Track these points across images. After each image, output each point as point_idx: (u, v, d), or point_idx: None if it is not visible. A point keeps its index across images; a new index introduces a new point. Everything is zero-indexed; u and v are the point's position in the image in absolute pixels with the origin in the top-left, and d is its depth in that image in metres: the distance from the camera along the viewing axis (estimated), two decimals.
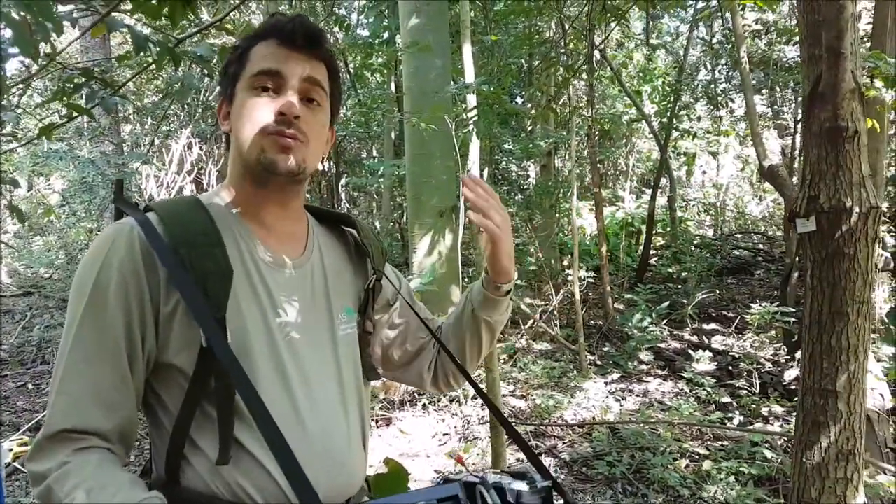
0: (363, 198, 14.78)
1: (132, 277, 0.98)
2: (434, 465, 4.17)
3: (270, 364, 1.03)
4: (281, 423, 0.95)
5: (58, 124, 1.31)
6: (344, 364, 1.15)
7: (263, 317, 1.05)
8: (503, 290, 1.25)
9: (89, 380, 0.96)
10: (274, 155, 1.06)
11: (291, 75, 1.08)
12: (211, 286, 0.98)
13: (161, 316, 0.99)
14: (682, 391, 5.50)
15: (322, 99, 1.14)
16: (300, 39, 1.09)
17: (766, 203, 13.45)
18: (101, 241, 1.01)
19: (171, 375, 1.01)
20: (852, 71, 1.89)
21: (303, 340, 1.09)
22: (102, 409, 0.96)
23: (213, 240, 1.02)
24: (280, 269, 1.11)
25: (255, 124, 1.06)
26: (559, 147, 9.51)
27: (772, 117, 11.65)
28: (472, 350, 1.31)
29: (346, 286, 1.23)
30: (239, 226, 1.10)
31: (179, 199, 1.10)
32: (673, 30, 11.57)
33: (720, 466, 3.89)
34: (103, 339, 0.97)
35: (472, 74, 3.51)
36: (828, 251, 2.01)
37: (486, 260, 1.23)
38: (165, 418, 1.02)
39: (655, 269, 10.15)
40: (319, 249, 1.21)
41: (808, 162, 2.06)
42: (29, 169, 9.38)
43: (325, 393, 1.09)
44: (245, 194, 1.12)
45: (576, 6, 7.94)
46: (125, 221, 1.03)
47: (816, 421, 2.07)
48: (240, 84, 1.10)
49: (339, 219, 1.31)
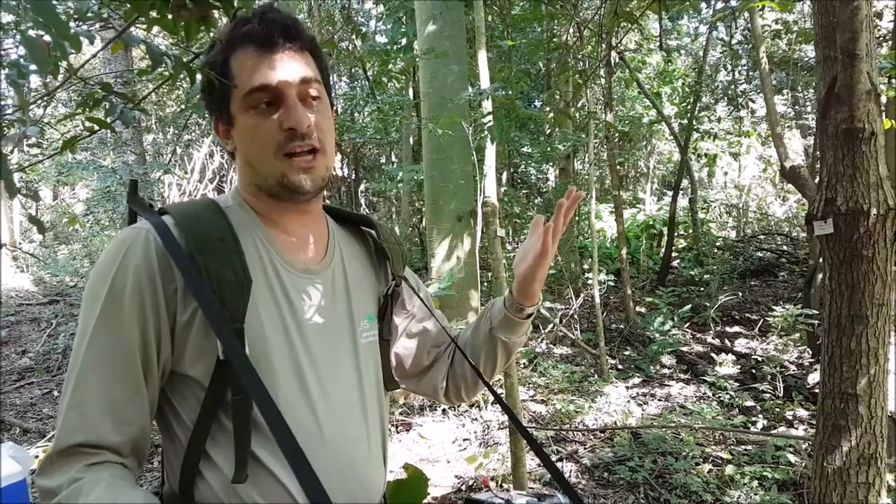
0: (382, 203, 14.85)
1: (148, 283, 0.94)
2: (454, 471, 4.17)
3: (290, 374, 1.00)
4: (300, 435, 0.93)
5: (80, 137, 1.34)
6: (365, 373, 1.11)
7: (283, 325, 1.01)
8: (526, 314, 1.21)
9: (102, 392, 0.91)
10: (297, 178, 1.02)
11: (286, 84, 1.02)
12: (229, 295, 0.94)
13: (177, 325, 0.95)
14: (705, 395, 5.46)
15: (321, 91, 1.08)
16: (279, 38, 1.02)
17: (790, 204, 13.31)
18: (116, 245, 0.97)
19: (187, 386, 0.97)
20: (868, 72, 1.88)
21: (324, 349, 1.05)
22: (115, 423, 0.92)
23: (231, 246, 0.98)
24: (301, 274, 1.07)
25: (266, 145, 1.02)
26: (578, 150, 9.49)
27: (794, 117, 11.52)
28: (485, 368, 1.27)
29: (367, 291, 1.19)
30: (258, 230, 1.06)
31: (196, 201, 1.06)
32: (692, 31, 11.50)
33: (743, 471, 3.86)
34: (117, 348, 0.93)
35: (487, 80, 3.52)
36: (846, 254, 1.99)
37: (517, 279, 1.19)
38: (180, 431, 0.98)
39: (677, 272, 10.08)
40: (341, 253, 1.17)
41: (824, 164, 2.05)
42: (54, 179, 9.56)
43: (346, 404, 1.06)
44: (262, 201, 1.08)
45: (591, 10, 7.94)
46: (140, 225, 0.99)
47: (837, 425, 2.05)
48: (234, 106, 1.04)
49: (359, 220, 1.27)
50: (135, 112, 1.22)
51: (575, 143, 8.65)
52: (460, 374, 1.29)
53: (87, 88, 1.26)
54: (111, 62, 6.46)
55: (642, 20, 7.33)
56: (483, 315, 1.27)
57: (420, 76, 6.94)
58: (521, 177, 12.72)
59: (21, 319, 7.98)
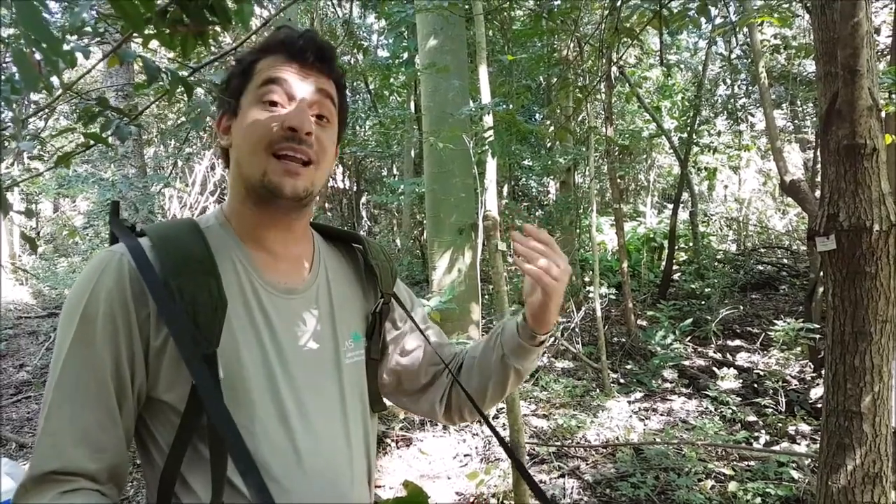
0: (384, 215, 14.87)
1: (120, 309, 0.93)
2: (455, 487, 4.14)
3: (267, 399, 0.97)
4: (277, 462, 0.94)
5: (75, 152, 1.33)
6: (349, 395, 1.08)
7: (261, 348, 0.99)
8: (539, 341, 1.16)
9: (75, 419, 0.90)
10: (279, 178, 1.00)
11: (302, 88, 1.03)
12: (203, 318, 0.92)
13: (151, 350, 0.94)
14: (707, 410, 5.43)
15: (332, 115, 1.08)
16: (311, 56, 1.04)
17: (790, 217, 13.30)
18: (90, 270, 0.96)
19: (162, 411, 0.96)
20: (869, 88, 1.88)
21: (304, 371, 1.03)
22: (89, 450, 0.90)
23: (208, 267, 0.96)
24: (282, 295, 1.05)
25: (260, 139, 1.00)
26: (579, 163, 9.50)
27: (793, 131, 11.55)
28: (494, 392, 1.22)
29: (353, 310, 1.17)
30: (238, 251, 1.04)
31: (176, 222, 1.04)
32: (691, 45, 11.55)
33: (746, 487, 3.83)
34: (90, 375, 0.91)
35: (488, 95, 3.53)
36: (849, 270, 1.98)
37: (529, 308, 1.12)
38: (157, 455, 0.96)
39: (678, 285, 10.06)
40: (326, 271, 1.15)
41: (826, 180, 2.04)
42: (54, 192, 9.57)
43: (328, 427, 1.03)
44: (246, 216, 1.06)
45: (591, 25, 7.97)
46: (115, 249, 0.98)
47: (841, 443, 2.03)
48: (245, 97, 1.04)
49: (348, 237, 1.25)
50: (130, 127, 1.21)
51: (575, 156, 8.66)
52: (462, 395, 1.24)
53: (84, 103, 1.26)
54: (112, 76, 6.47)
55: (642, 35, 7.37)
56: (493, 338, 1.22)
57: (421, 90, 6.96)
58: (523, 190, 12.74)
59: (19, 332, 7.97)
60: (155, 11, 0.87)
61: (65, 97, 1.63)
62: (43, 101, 7.52)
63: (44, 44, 0.78)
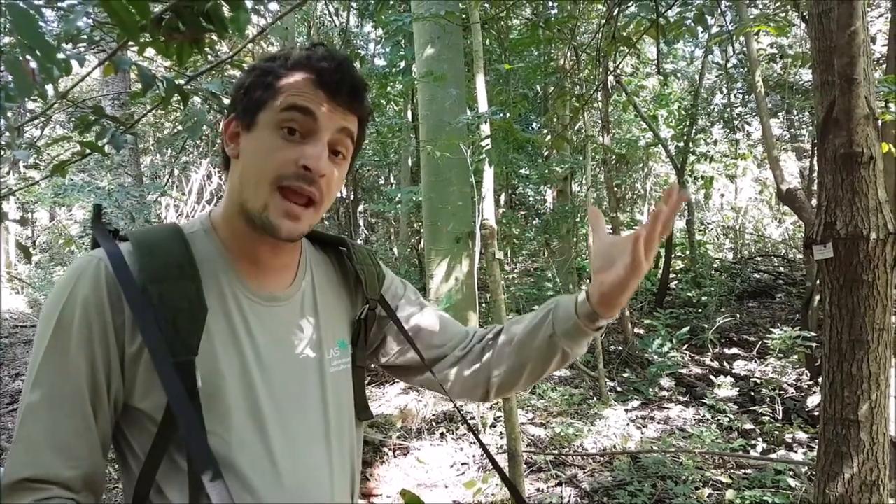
0: (381, 224, 14.87)
1: (97, 315, 0.91)
2: (452, 496, 4.12)
3: (244, 409, 0.95)
4: (255, 473, 0.93)
5: (71, 161, 1.33)
6: (332, 404, 1.06)
7: (240, 357, 0.97)
8: (599, 325, 1.07)
9: (50, 426, 0.89)
10: (278, 220, 0.96)
11: (326, 123, 0.97)
12: (182, 324, 0.90)
13: (126, 357, 0.92)
14: (704, 418, 5.42)
15: (348, 152, 1.04)
16: (345, 90, 0.99)
17: (786, 226, 13.33)
18: (67, 275, 0.94)
19: (139, 420, 0.94)
20: (866, 96, 1.88)
21: (286, 381, 1.00)
22: (64, 457, 0.88)
23: (189, 273, 0.94)
24: (264, 303, 1.02)
25: (270, 169, 0.96)
26: (576, 172, 9.51)
27: (789, 140, 11.58)
28: (531, 373, 1.15)
29: (339, 317, 1.14)
30: (221, 258, 1.01)
31: (158, 227, 1.01)
32: (688, 55, 11.59)
33: (743, 495, 3.82)
34: (65, 382, 0.90)
35: (485, 104, 3.54)
36: (846, 278, 1.98)
37: (603, 287, 1.02)
38: (133, 463, 0.94)
39: (675, 294, 10.07)
40: (311, 277, 1.12)
41: (823, 188, 2.04)
42: (51, 200, 9.55)
43: (308, 439, 1.01)
44: (237, 229, 1.02)
45: (588, 34, 8.00)
46: (94, 254, 0.95)
47: (838, 451, 2.03)
48: (264, 114, 0.98)
49: (334, 241, 1.21)
50: (126, 136, 1.21)
51: (572, 165, 8.67)
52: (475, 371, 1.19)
53: (80, 111, 1.25)
54: (109, 84, 6.48)
55: (639, 44, 7.40)
56: (543, 316, 1.12)
57: (418, 99, 6.97)
58: (520, 198, 12.75)
59: (15, 342, 7.95)
60: (150, 19, 0.87)
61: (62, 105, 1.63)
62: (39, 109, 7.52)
63: (38, 51, 0.78)
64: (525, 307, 7.83)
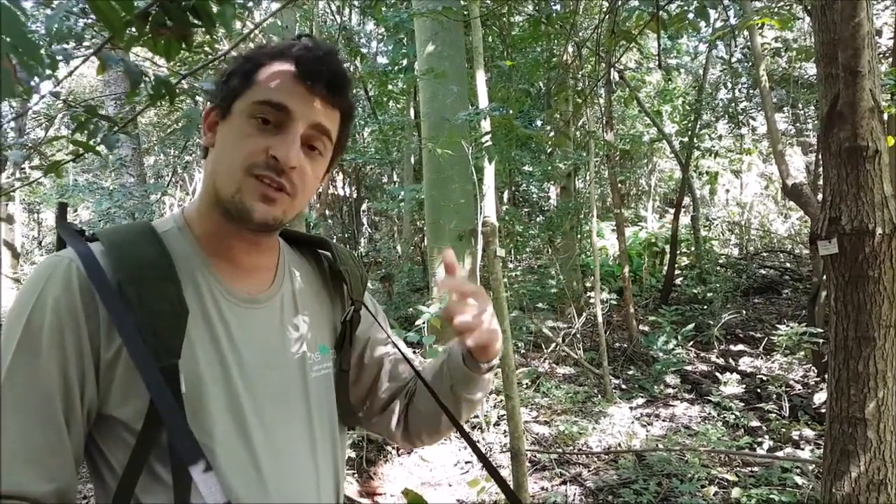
0: (384, 222, 14.87)
1: (69, 318, 0.85)
2: (456, 495, 4.11)
3: (227, 415, 0.91)
4: (239, 481, 0.89)
5: (64, 161, 1.31)
6: (315, 410, 1.03)
7: (221, 361, 0.93)
8: (485, 368, 1.07)
9: (19, 439, 0.83)
10: (251, 202, 0.92)
11: (300, 117, 0.94)
12: (163, 327, 0.86)
13: (102, 363, 0.87)
14: (710, 415, 5.39)
15: (325, 148, 1.00)
16: (322, 85, 0.96)
17: (792, 221, 13.28)
18: (35, 276, 0.88)
19: (115, 430, 0.88)
20: (871, 89, 1.85)
21: (267, 386, 0.97)
22: (35, 471, 0.83)
23: (166, 274, 0.90)
24: (243, 305, 0.98)
25: (241, 157, 0.92)
26: (579, 168, 9.49)
27: (794, 135, 11.53)
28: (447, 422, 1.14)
29: (320, 321, 1.10)
30: (197, 258, 0.97)
31: (130, 226, 0.97)
32: (692, 49, 11.54)
33: (749, 494, 3.79)
34: (35, 391, 0.84)
35: (485, 100, 3.51)
36: (851, 274, 1.95)
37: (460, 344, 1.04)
38: (109, 477, 0.89)
39: (680, 290, 10.04)
40: (291, 280, 1.08)
41: (828, 183, 2.01)
42: (56, 201, 9.55)
43: (292, 444, 0.98)
44: (212, 223, 0.98)
45: (590, 29, 7.96)
46: (63, 254, 0.90)
47: (845, 450, 2.00)
48: (239, 103, 0.95)
49: (314, 242, 1.17)
50: (118, 135, 1.19)
51: (576, 161, 8.65)
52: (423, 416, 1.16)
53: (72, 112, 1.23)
54: (111, 85, 6.46)
55: (641, 39, 7.36)
56: (440, 366, 1.13)
57: (420, 96, 6.95)
58: (523, 195, 12.74)
59: None
60: (135, 14, 0.85)
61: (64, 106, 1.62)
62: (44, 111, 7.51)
63: (21, 49, 0.76)
64: (528, 304, 7.81)
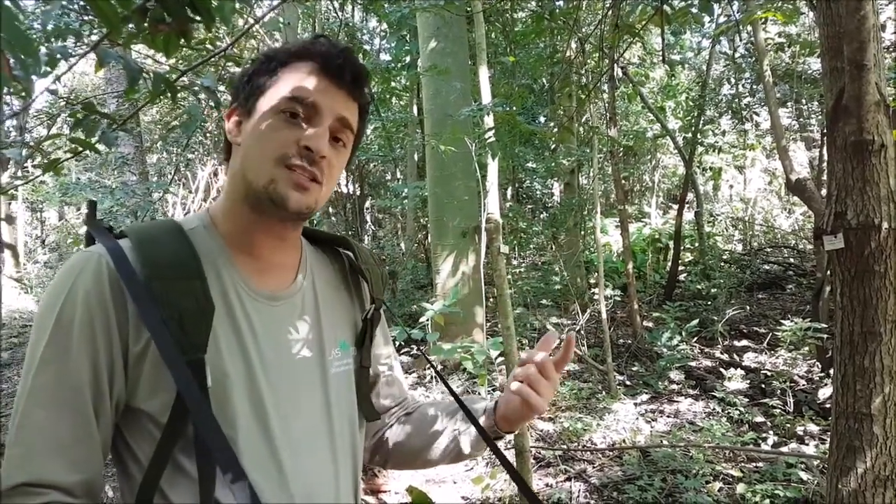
0: (388, 219, 14.87)
1: (99, 312, 0.87)
2: (461, 492, 4.10)
3: (250, 410, 0.93)
4: (259, 476, 0.90)
5: (62, 159, 1.31)
6: (335, 406, 1.04)
7: (244, 356, 0.95)
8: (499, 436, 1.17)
9: (49, 429, 0.85)
10: (286, 190, 0.95)
11: (327, 111, 0.98)
12: (189, 323, 0.88)
13: (130, 356, 0.89)
14: (714, 411, 5.38)
15: (348, 140, 1.05)
16: (347, 76, 1.00)
17: (796, 216, 13.24)
18: (66, 271, 0.91)
19: (141, 422, 0.90)
20: (876, 83, 1.83)
21: (288, 381, 0.99)
22: (63, 461, 0.85)
23: (193, 271, 0.92)
24: (266, 301, 1.00)
25: (273, 150, 0.95)
26: (583, 165, 9.47)
27: (798, 130, 11.49)
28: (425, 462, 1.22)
29: (340, 318, 1.12)
30: (222, 254, 0.99)
31: (157, 223, 0.99)
32: (695, 45, 11.51)
33: (755, 489, 3.78)
34: (65, 382, 0.86)
35: (488, 96, 3.49)
36: (857, 269, 1.94)
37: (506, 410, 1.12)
38: (135, 469, 0.91)
39: (684, 286, 10.01)
40: (312, 277, 1.10)
41: (833, 177, 2.00)
42: (59, 200, 9.57)
43: (312, 440, 1.00)
44: (239, 220, 1.01)
45: (593, 24, 7.94)
46: (93, 249, 0.92)
47: (851, 445, 1.99)
48: (265, 99, 0.99)
49: (335, 241, 1.20)
50: (117, 132, 1.18)
51: (579, 157, 8.63)
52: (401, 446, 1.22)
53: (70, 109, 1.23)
54: (113, 83, 6.47)
55: (645, 35, 7.33)
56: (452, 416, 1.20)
57: (423, 93, 6.94)
58: (527, 192, 12.72)
59: (24, 341, 7.95)
60: (133, 10, 0.84)
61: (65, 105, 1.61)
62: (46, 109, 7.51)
63: (16, 45, 0.75)
64: (532, 301, 7.79)
